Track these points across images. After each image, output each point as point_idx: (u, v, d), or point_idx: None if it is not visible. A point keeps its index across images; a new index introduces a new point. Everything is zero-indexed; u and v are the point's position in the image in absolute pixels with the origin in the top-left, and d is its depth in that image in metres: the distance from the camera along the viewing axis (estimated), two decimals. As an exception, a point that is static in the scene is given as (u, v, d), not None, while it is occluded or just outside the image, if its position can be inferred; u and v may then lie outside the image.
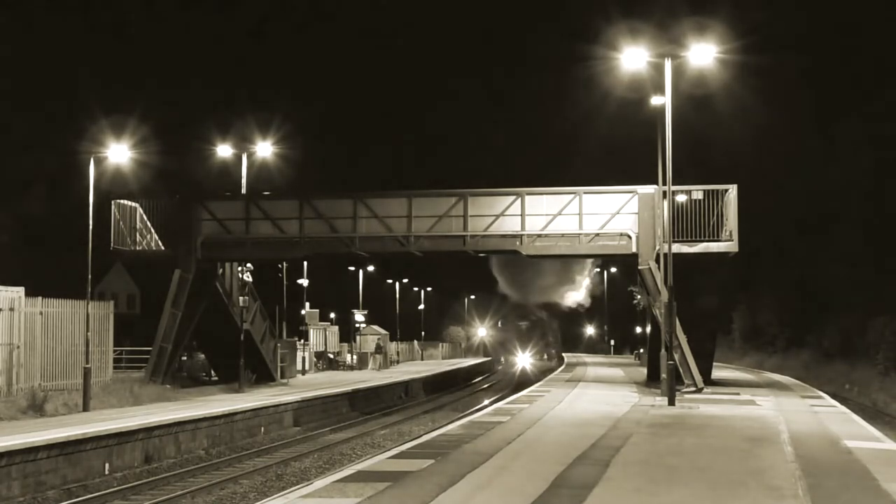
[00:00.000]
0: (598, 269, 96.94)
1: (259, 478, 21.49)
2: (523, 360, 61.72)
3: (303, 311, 58.54)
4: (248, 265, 36.12)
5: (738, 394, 29.89)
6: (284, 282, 53.66)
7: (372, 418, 34.83)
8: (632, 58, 27.93)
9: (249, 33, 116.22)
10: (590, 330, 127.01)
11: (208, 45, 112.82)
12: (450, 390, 52.13)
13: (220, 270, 35.53)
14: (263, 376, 38.11)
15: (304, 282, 59.93)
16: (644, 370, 41.48)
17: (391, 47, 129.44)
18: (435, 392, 48.84)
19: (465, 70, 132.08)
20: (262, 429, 28.62)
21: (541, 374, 59.34)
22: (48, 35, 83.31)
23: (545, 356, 63.15)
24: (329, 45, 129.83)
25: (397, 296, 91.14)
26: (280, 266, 52.44)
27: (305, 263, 56.94)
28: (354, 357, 59.33)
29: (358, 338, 62.46)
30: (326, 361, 56.04)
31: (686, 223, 31.60)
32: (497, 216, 32.45)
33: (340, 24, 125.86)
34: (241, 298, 35.48)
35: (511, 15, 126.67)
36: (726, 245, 31.69)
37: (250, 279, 36.37)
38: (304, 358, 50.05)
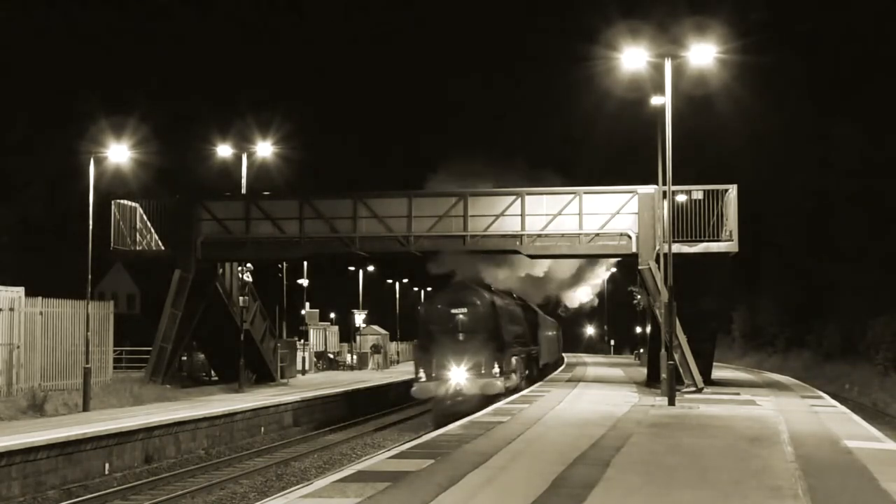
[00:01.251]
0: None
1: (259, 478, 21.51)
2: (457, 378, 29.15)
3: (303, 311, 58.56)
4: (248, 265, 36.10)
5: (738, 394, 29.89)
6: (284, 282, 53.67)
7: (372, 418, 34.83)
8: (632, 58, 27.93)
9: (250, 31, 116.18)
10: (590, 330, 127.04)
11: (208, 44, 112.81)
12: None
13: (220, 270, 35.52)
14: (263, 376, 38.11)
15: (304, 282, 59.94)
16: (644, 370, 41.45)
17: (391, 47, 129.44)
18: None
19: (465, 69, 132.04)
20: (262, 429, 28.63)
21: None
22: (47, 33, 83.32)
23: (495, 372, 29.58)
24: (330, 45, 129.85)
25: (397, 296, 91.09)
26: (280, 266, 52.43)
27: (305, 263, 56.99)
28: (354, 357, 59.32)
29: (358, 338, 62.44)
30: (326, 361, 56.04)
31: (686, 223, 31.62)
32: (497, 216, 32.44)
33: (339, 23, 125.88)
34: (241, 298, 35.47)
35: (511, 14, 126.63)
36: (726, 245, 31.69)
37: (250, 279, 36.36)
38: (304, 358, 50.05)
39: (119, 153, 30.17)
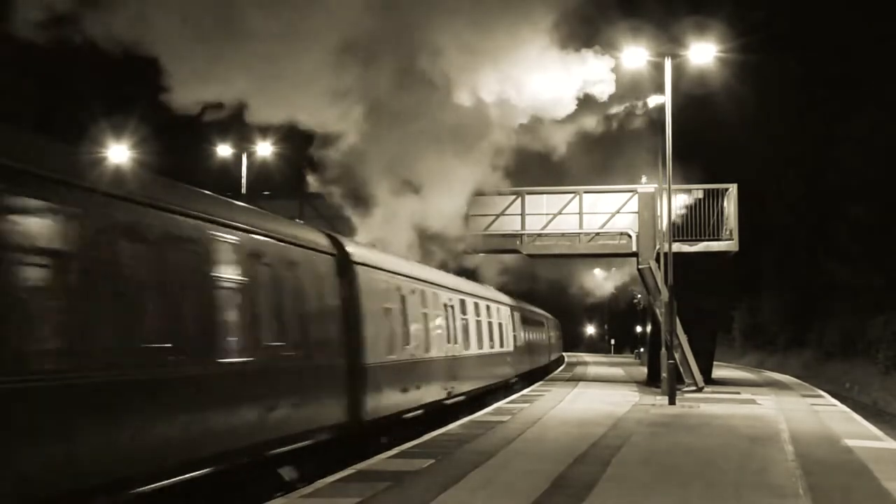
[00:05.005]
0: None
1: (259, 478, 21.47)
2: None
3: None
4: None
5: (738, 393, 29.90)
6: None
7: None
8: (632, 57, 27.99)
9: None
10: (590, 329, 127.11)
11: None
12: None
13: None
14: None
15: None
16: (644, 369, 41.47)
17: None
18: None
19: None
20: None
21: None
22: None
23: None
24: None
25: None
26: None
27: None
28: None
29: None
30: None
31: (686, 222, 31.65)
32: (497, 216, 32.44)
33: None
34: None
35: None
36: (726, 244, 31.74)
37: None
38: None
39: (119, 153, 30.22)
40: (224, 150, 39.15)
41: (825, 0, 55.93)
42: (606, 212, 32.29)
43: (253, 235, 12.93)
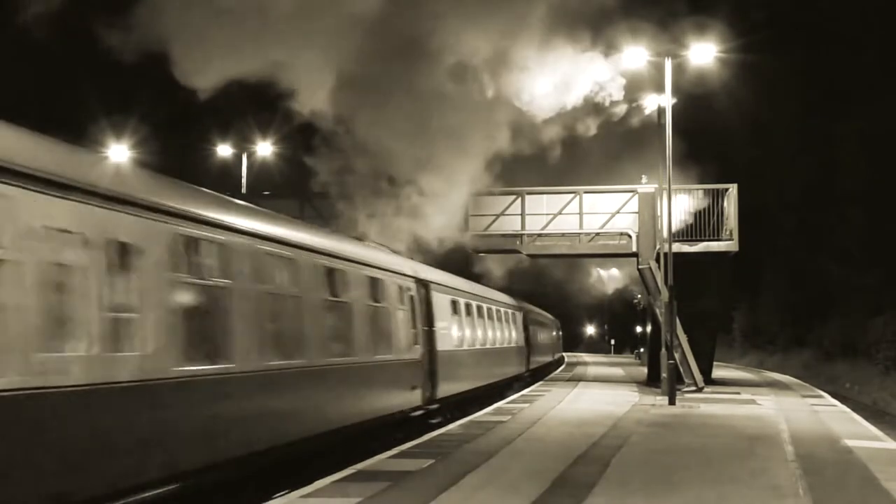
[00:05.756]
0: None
1: (259, 477, 21.43)
2: None
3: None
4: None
5: (738, 393, 29.90)
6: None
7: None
8: (632, 57, 28.00)
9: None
10: (590, 329, 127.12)
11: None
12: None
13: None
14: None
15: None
16: (644, 369, 41.47)
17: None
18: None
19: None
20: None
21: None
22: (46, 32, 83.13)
23: None
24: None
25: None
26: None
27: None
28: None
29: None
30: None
31: (686, 223, 31.66)
32: (497, 216, 32.44)
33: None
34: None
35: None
36: (726, 244, 31.74)
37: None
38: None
39: (121, 153, 30.24)
40: (224, 151, 39.16)
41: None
42: (606, 212, 32.29)
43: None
